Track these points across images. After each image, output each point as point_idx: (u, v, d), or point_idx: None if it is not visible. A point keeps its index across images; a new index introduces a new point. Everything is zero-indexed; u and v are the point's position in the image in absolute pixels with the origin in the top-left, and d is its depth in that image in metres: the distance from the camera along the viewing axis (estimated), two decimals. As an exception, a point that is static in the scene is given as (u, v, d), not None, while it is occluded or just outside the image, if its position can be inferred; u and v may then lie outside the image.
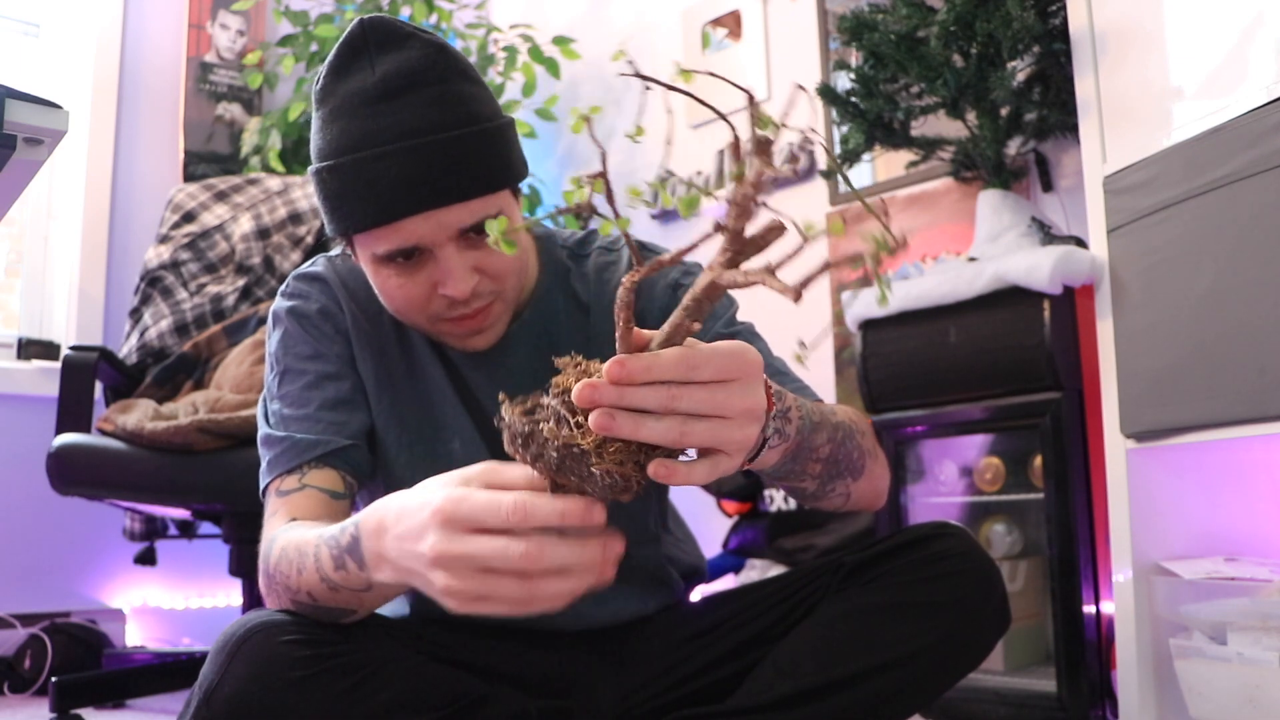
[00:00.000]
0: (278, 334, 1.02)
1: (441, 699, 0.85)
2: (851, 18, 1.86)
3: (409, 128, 0.87)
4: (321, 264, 1.05)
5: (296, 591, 0.82)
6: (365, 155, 0.87)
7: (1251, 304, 1.29)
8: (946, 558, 0.91)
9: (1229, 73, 1.37)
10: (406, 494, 0.72)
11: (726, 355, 0.65)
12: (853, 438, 0.89)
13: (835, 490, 0.89)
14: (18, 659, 2.26)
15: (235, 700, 0.78)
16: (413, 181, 0.86)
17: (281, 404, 0.97)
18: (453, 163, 0.88)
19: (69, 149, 2.67)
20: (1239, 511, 1.56)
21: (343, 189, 0.89)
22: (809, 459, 0.82)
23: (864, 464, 0.91)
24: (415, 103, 0.88)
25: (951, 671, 0.91)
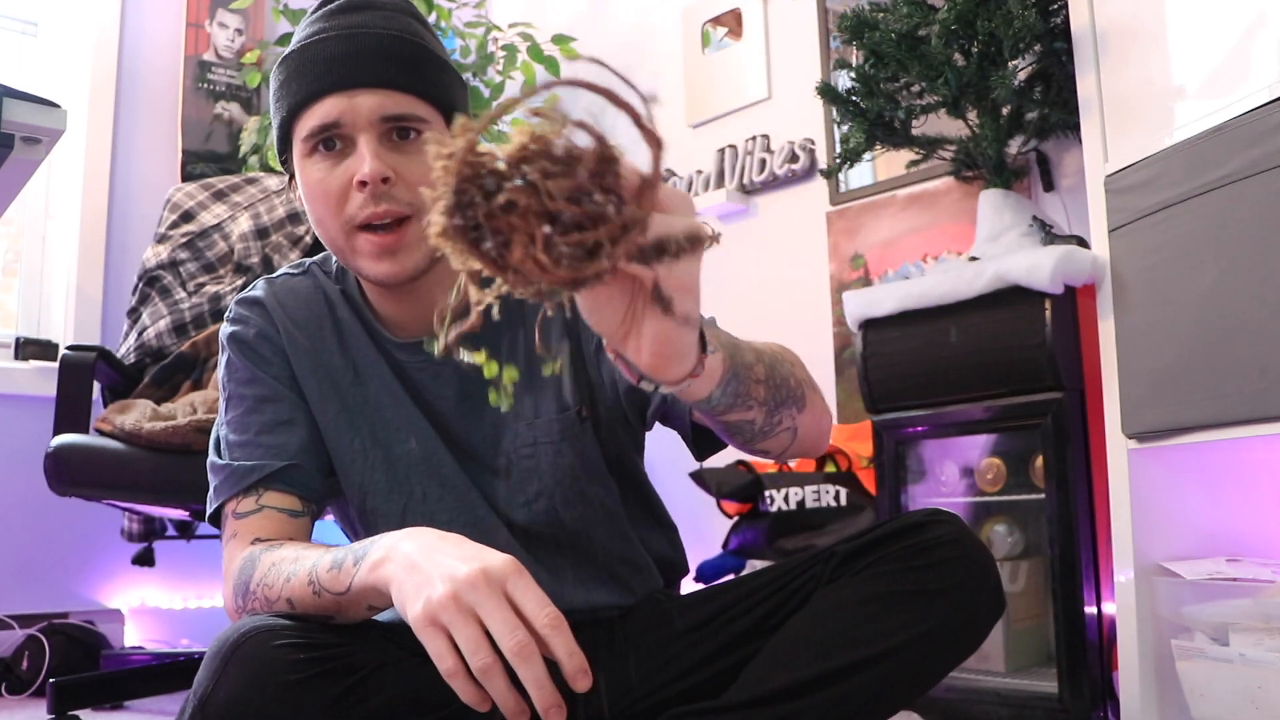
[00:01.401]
0: (223, 360, 1.06)
1: (438, 701, 0.84)
2: (852, 16, 1.86)
3: (358, 25, 0.95)
4: (260, 287, 1.08)
5: (274, 601, 0.85)
6: (312, 41, 0.95)
7: (1253, 303, 1.29)
8: (939, 545, 0.91)
9: (1231, 72, 1.36)
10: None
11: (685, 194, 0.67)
12: (782, 364, 0.88)
13: (781, 423, 0.87)
14: (15, 660, 2.25)
15: (230, 705, 0.77)
16: (339, 60, 0.93)
17: (228, 429, 1.01)
18: (382, 52, 0.94)
19: (67, 148, 2.67)
20: (1241, 512, 1.56)
21: (291, 72, 0.96)
22: (749, 378, 0.80)
23: (804, 394, 0.89)
24: (369, 15, 0.96)
25: (948, 658, 0.90)
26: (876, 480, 1.87)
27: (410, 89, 0.94)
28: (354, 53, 0.93)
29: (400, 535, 0.77)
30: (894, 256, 2.28)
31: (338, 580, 0.80)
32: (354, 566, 0.78)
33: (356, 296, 1.07)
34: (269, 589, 0.85)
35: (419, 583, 0.71)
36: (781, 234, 2.55)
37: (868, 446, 1.91)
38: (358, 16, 0.96)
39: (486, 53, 2.89)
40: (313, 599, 0.82)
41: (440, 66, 0.99)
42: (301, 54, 0.95)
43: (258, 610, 0.87)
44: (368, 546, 0.78)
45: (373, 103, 0.92)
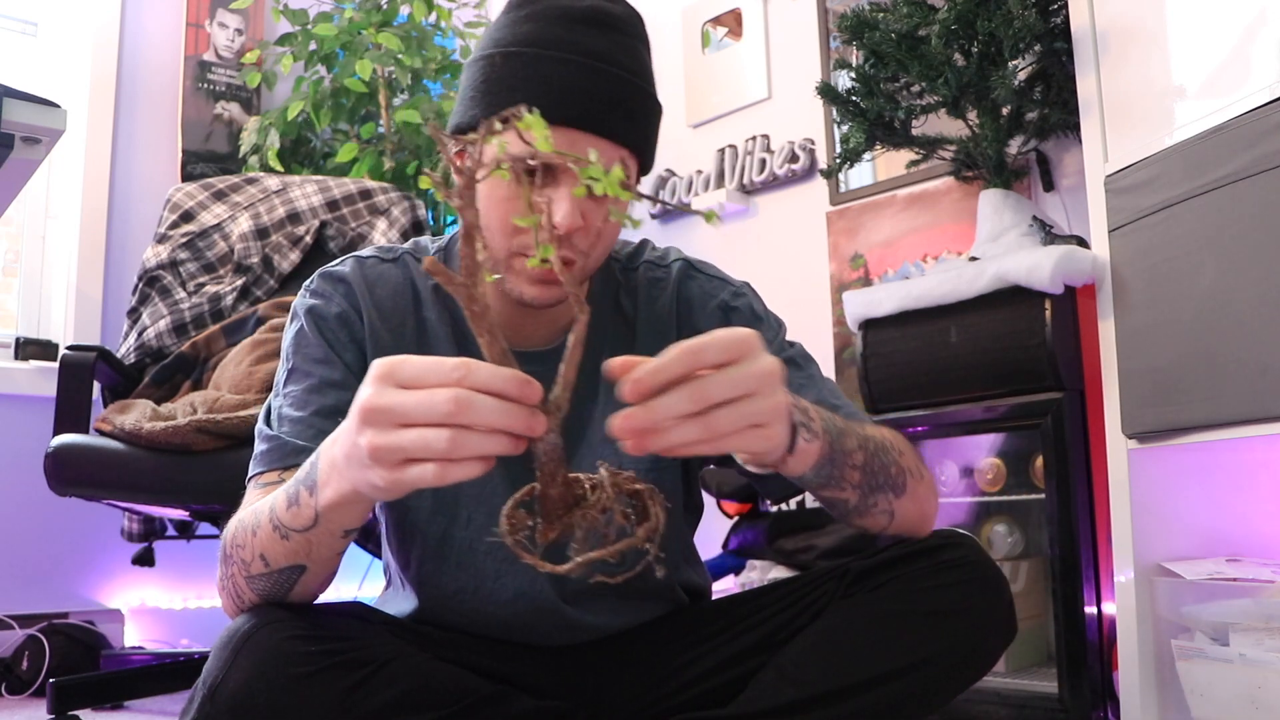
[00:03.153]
0: (293, 329, 1.00)
1: (446, 697, 0.84)
2: (852, 16, 1.86)
3: (600, 53, 0.89)
4: (350, 264, 1.02)
5: (250, 562, 0.81)
6: (551, 54, 0.88)
7: (1253, 303, 1.29)
8: (954, 566, 0.91)
9: (1231, 72, 1.36)
10: None
11: (726, 336, 0.66)
12: (887, 452, 0.88)
13: (878, 505, 0.88)
14: (15, 660, 2.25)
15: (240, 696, 0.78)
16: (586, 96, 0.87)
17: (283, 401, 0.95)
18: (624, 103, 0.89)
19: (67, 148, 2.67)
20: (1241, 512, 1.56)
21: (513, 77, 0.89)
22: (845, 464, 0.82)
23: (905, 481, 0.89)
24: (611, 39, 0.90)
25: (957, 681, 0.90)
26: (876, 480, 1.86)
27: (628, 143, 0.90)
28: (593, 93, 0.88)
29: (326, 443, 0.73)
30: (894, 256, 2.28)
31: (300, 516, 0.76)
32: (311, 496, 0.74)
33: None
34: (241, 549, 0.82)
35: (348, 453, 0.67)
36: (781, 234, 2.55)
37: (868, 446, 1.91)
38: (600, 41, 0.90)
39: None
40: (282, 545, 0.78)
41: (657, 116, 0.95)
42: (534, 64, 0.88)
43: (237, 576, 0.83)
44: (311, 471, 0.75)
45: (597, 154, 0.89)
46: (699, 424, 0.64)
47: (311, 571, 0.82)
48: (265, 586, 0.83)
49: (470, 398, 0.61)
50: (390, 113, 2.75)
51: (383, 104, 2.76)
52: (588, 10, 0.91)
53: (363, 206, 2.22)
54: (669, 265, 1.06)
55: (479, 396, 0.61)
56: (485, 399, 0.61)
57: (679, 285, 1.04)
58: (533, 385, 0.62)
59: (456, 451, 0.61)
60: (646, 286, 1.05)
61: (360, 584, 2.66)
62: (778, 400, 0.67)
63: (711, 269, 1.08)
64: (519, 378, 0.62)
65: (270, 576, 0.81)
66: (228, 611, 0.88)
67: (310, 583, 0.83)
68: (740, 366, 0.65)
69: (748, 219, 2.64)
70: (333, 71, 2.79)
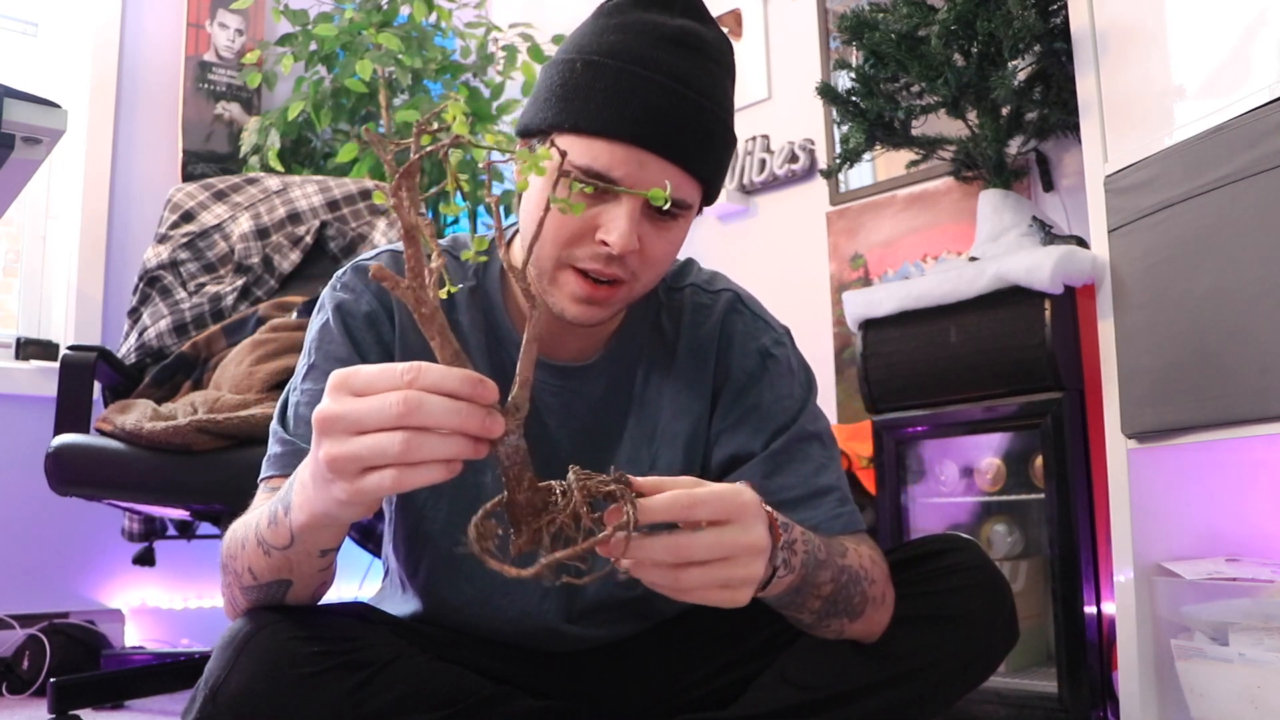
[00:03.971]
0: (318, 322, 0.97)
1: (448, 697, 0.84)
2: (852, 17, 1.86)
3: (684, 76, 0.86)
4: (385, 259, 0.98)
5: (241, 575, 0.81)
6: (634, 70, 0.85)
7: (1253, 304, 1.29)
8: (956, 571, 0.91)
9: (1230, 72, 1.36)
10: None
11: (724, 497, 0.66)
12: (859, 583, 0.85)
13: (830, 626, 0.85)
14: (16, 660, 2.25)
15: (242, 696, 0.78)
16: (664, 118, 0.85)
17: (300, 398, 0.93)
18: (700, 131, 0.87)
19: (67, 148, 2.67)
20: (1240, 512, 1.56)
21: (591, 87, 0.86)
22: (810, 594, 0.80)
23: (864, 609, 0.86)
24: (697, 63, 0.88)
25: (959, 685, 0.91)
26: (876, 480, 1.87)
27: (698, 174, 0.88)
28: (670, 116, 0.85)
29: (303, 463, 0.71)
30: (894, 256, 2.28)
31: (278, 535, 0.74)
32: (286, 516, 0.72)
33: (496, 297, 0.98)
34: (234, 560, 0.81)
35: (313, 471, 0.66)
36: (781, 234, 2.55)
37: (867, 446, 1.91)
38: (686, 64, 0.87)
39: (486, 53, 2.89)
40: (265, 561, 0.77)
41: (730, 149, 0.93)
42: (615, 77, 0.85)
43: (233, 585, 0.83)
44: (287, 491, 0.73)
45: (663, 179, 0.85)
46: (669, 575, 0.64)
47: (298, 585, 0.81)
48: (257, 598, 0.83)
49: (420, 398, 0.60)
50: (391, 113, 2.75)
51: (383, 104, 2.76)
52: (678, 31, 0.88)
53: (363, 206, 2.22)
54: (716, 293, 1.04)
55: (430, 397, 0.60)
56: (436, 399, 0.60)
57: (724, 318, 1.02)
58: (486, 385, 0.61)
59: (412, 455, 0.60)
60: (691, 311, 1.02)
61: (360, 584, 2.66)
62: (752, 572, 0.67)
63: (757, 306, 1.06)
64: (471, 377, 0.60)
65: (260, 589, 0.81)
66: (227, 614, 0.88)
67: (300, 594, 0.83)
68: (728, 531, 0.65)
69: (748, 219, 2.64)
70: (333, 72, 2.79)
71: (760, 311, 1.06)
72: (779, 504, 0.87)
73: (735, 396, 0.99)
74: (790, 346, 1.05)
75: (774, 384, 0.99)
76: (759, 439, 0.97)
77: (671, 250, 0.91)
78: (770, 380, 0.99)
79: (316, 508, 0.67)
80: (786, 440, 0.97)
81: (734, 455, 0.98)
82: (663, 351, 1.01)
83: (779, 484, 0.94)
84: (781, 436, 0.97)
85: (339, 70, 2.76)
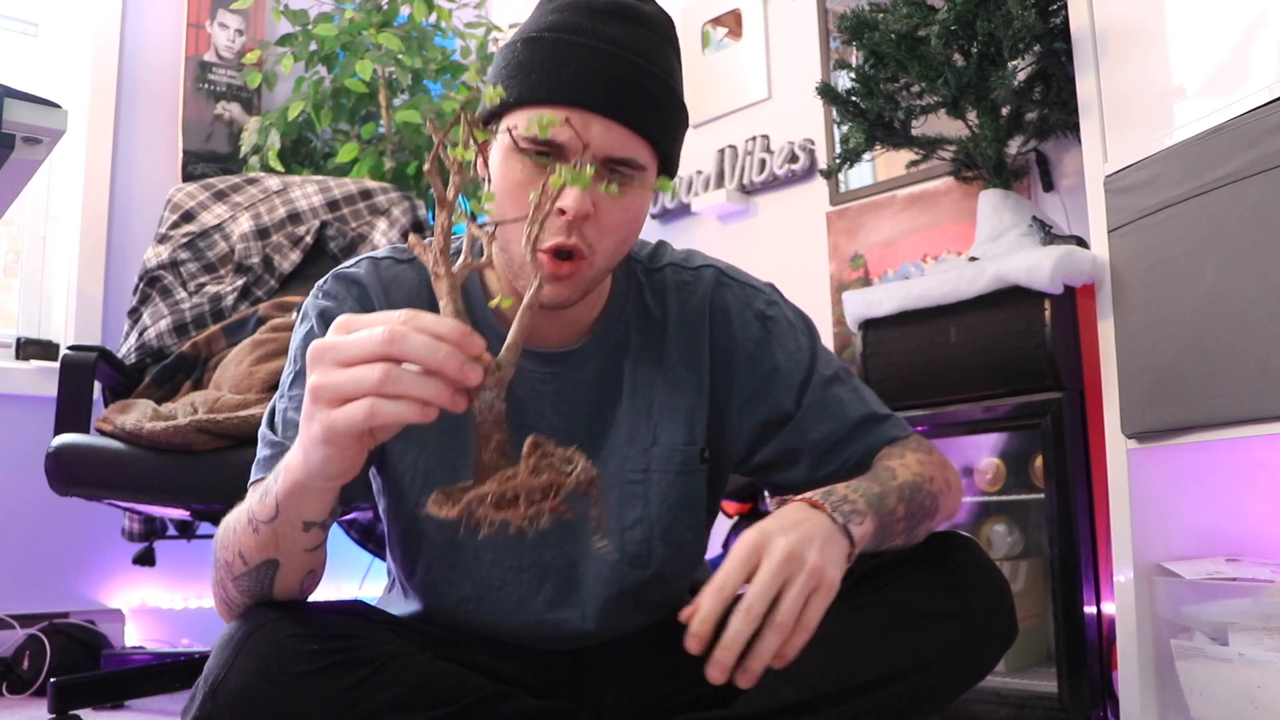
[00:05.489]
0: (302, 331, 0.97)
1: (447, 696, 0.84)
2: (852, 17, 1.86)
3: (620, 40, 0.88)
4: (364, 266, 0.99)
5: (232, 562, 0.82)
6: (570, 39, 0.87)
7: (1253, 304, 1.29)
8: (955, 568, 0.91)
9: (1230, 72, 1.36)
10: None
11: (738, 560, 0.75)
12: (920, 489, 0.92)
13: (920, 535, 0.93)
14: (16, 660, 2.26)
15: (241, 694, 0.78)
16: (600, 77, 0.86)
17: (288, 404, 0.93)
18: (640, 89, 0.88)
19: (67, 148, 2.67)
20: (1240, 512, 1.56)
21: (531, 61, 0.88)
22: (892, 523, 0.87)
23: (936, 505, 0.94)
24: (634, 31, 0.90)
25: (957, 683, 0.91)
26: (876, 480, 1.86)
27: (645, 133, 0.88)
28: (609, 78, 0.86)
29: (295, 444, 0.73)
30: (894, 256, 2.28)
31: (265, 507, 0.77)
32: (275, 485, 0.75)
33: (477, 293, 0.99)
34: (225, 550, 0.83)
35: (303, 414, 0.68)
36: (781, 234, 2.55)
37: (868, 446, 1.91)
38: (623, 31, 0.89)
39: (486, 53, 2.89)
40: (254, 539, 0.79)
41: (678, 113, 0.94)
42: (553, 48, 0.88)
43: (224, 578, 0.84)
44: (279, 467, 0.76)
45: (606, 138, 0.86)
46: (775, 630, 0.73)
47: (285, 567, 0.81)
48: (247, 585, 0.83)
49: (405, 331, 0.62)
50: (390, 113, 2.75)
51: (383, 104, 2.76)
52: (613, 4, 0.90)
53: (363, 206, 2.22)
54: (697, 269, 1.06)
55: (414, 332, 0.62)
56: (419, 335, 0.62)
57: (713, 293, 1.04)
58: (474, 337, 0.63)
59: (388, 386, 0.62)
60: (676, 290, 1.03)
61: (361, 584, 2.66)
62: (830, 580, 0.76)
63: (739, 274, 1.08)
64: (461, 326, 0.63)
65: (249, 574, 0.82)
66: (220, 613, 0.88)
67: (288, 579, 0.83)
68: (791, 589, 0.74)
69: (748, 219, 2.64)
70: (333, 72, 2.79)
71: (744, 278, 1.08)
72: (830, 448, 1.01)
73: (750, 364, 1.02)
74: (782, 301, 1.08)
75: (783, 342, 1.03)
76: (789, 397, 1.02)
77: (628, 218, 0.90)
78: (778, 340, 1.03)
79: (297, 461, 0.70)
80: (812, 394, 1.02)
81: (768, 420, 1.02)
82: (651, 330, 1.02)
83: (822, 433, 1.01)
84: (807, 391, 1.02)
85: (339, 70, 2.76)
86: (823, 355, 1.05)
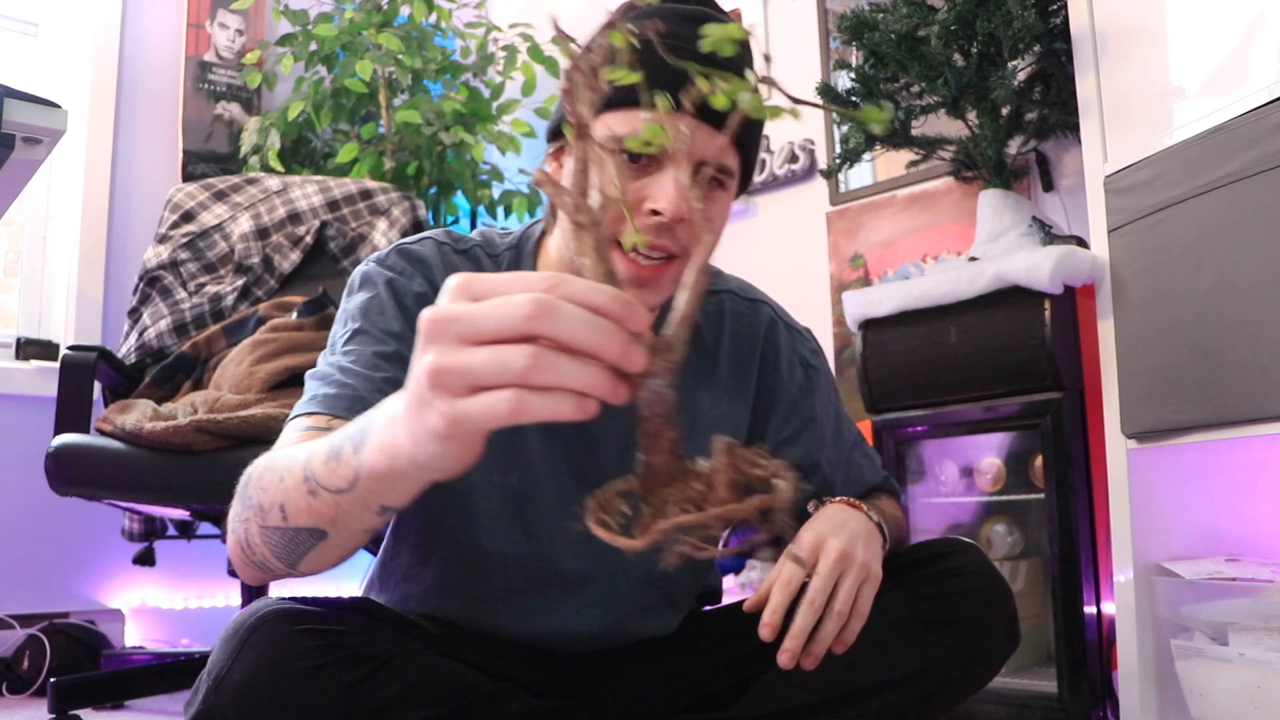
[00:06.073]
0: (364, 295, 0.92)
1: (451, 693, 0.84)
2: (852, 17, 1.86)
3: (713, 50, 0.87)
4: (430, 246, 0.95)
5: (268, 511, 0.70)
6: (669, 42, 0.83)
7: (1253, 304, 1.29)
8: (958, 575, 0.92)
9: (1230, 72, 1.36)
10: None
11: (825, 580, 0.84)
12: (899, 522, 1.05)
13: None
14: (16, 660, 2.25)
15: (245, 688, 0.78)
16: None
17: (343, 358, 0.87)
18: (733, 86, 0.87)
19: (67, 148, 2.67)
20: (1240, 512, 1.56)
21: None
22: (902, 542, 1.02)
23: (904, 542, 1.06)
24: None
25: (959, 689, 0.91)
26: (876, 480, 1.86)
27: (738, 141, 0.88)
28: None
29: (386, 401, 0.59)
30: (894, 256, 2.28)
31: (336, 473, 0.62)
32: (355, 454, 0.60)
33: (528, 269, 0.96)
34: (263, 492, 0.71)
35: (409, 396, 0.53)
36: (781, 234, 2.55)
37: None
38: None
39: (486, 53, 2.89)
40: (307, 501, 0.66)
41: (763, 125, 0.95)
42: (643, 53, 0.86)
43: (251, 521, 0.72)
44: (364, 426, 0.61)
45: (708, 143, 0.85)
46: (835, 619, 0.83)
47: (332, 541, 0.69)
48: (278, 543, 0.71)
49: (554, 303, 0.47)
50: (390, 113, 2.75)
51: (383, 104, 2.76)
52: (698, 13, 0.89)
53: (363, 206, 2.22)
54: (753, 302, 1.08)
55: (566, 304, 0.48)
56: (573, 307, 0.48)
57: (767, 330, 1.06)
58: (637, 309, 0.49)
59: (538, 374, 0.47)
60: (731, 318, 1.05)
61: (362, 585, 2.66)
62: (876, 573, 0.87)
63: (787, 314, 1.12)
64: (620, 295, 0.49)
65: (285, 533, 0.69)
66: (232, 556, 0.78)
67: (328, 554, 0.71)
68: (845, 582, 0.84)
69: (748, 219, 2.64)
70: (333, 72, 2.79)
71: (793, 321, 1.11)
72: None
73: (791, 409, 1.06)
74: (819, 351, 1.12)
75: (822, 395, 1.08)
76: (819, 449, 1.07)
77: (717, 225, 0.91)
78: (819, 391, 1.08)
79: (401, 445, 0.54)
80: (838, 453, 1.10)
81: (797, 464, 1.05)
82: (702, 353, 1.03)
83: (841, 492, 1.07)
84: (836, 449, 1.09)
85: (339, 70, 2.76)
86: (845, 415, 1.13)
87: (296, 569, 0.74)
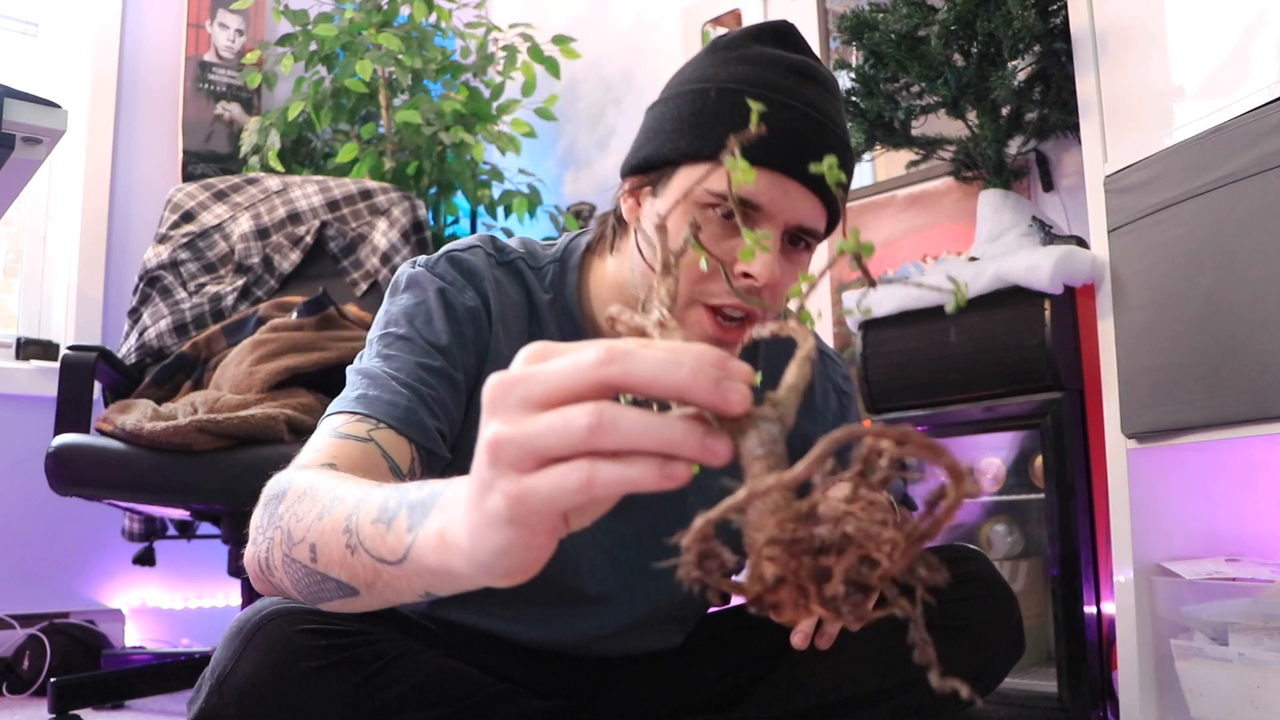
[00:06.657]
0: (411, 299, 0.89)
1: (453, 694, 0.84)
2: (852, 17, 1.86)
3: (820, 106, 0.85)
4: (480, 257, 0.92)
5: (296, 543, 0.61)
6: (775, 98, 0.83)
7: (1252, 304, 1.29)
8: (965, 582, 0.92)
9: (1230, 72, 1.36)
10: None
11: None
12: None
13: None
14: (16, 659, 2.26)
15: (248, 687, 0.78)
16: (807, 145, 0.82)
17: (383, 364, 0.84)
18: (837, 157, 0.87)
19: (67, 148, 2.67)
20: (1240, 512, 1.56)
21: (731, 114, 0.83)
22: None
23: None
24: (823, 96, 0.86)
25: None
26: (876, 480, 1.86)
27: (830, 205, 0.86)
28: (812, 143, 0.82)
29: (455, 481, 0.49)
30: (894, 256, 2.28)
31: (385, 542, 0.53)
32: (409, 531, 0.51)
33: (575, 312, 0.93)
34: (296, 521, 0.62)
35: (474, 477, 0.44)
36: (781, 234, 2.55)
37: (868, 446, 1.91)
38: (818, 95, 0.86)
39: (487, 53, 2.89)
40: (342, 555, 0.56)
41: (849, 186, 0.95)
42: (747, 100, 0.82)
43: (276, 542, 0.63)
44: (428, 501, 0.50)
45: (805, 206, 0.83)
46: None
47: (362, 600, 0.59)
48: (301, 580, 0.62)
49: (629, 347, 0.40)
50: (390, 113, 2.75)
51: (383, 104, 2.76)
52: (802, 63, 0.87)
53: (363, 206, 2.22)
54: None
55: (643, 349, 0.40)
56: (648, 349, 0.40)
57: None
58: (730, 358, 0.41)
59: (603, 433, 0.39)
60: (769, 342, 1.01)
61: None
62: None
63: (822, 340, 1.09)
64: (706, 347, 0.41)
65: (312, 575, 0.60)
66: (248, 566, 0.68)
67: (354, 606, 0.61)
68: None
69: (748, 219, 2.64)
70: (333, 72, 2.79)
71: (824, 345, 1.10)
72: None
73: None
74: (849, 377, 1.12)
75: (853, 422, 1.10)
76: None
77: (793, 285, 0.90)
78: (851, 418, 1.09)
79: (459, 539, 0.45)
80: None
81: None
82: None
83: None
84: None
85: (339, 70, 2.76)
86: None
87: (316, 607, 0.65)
